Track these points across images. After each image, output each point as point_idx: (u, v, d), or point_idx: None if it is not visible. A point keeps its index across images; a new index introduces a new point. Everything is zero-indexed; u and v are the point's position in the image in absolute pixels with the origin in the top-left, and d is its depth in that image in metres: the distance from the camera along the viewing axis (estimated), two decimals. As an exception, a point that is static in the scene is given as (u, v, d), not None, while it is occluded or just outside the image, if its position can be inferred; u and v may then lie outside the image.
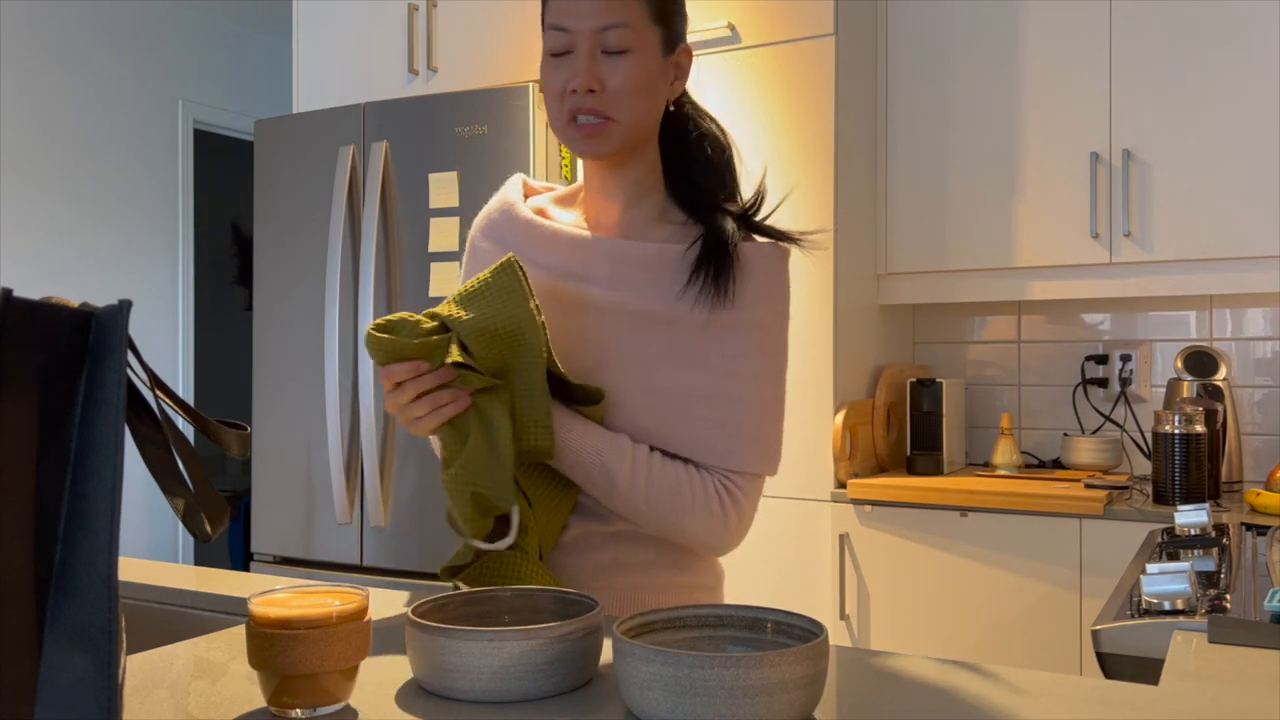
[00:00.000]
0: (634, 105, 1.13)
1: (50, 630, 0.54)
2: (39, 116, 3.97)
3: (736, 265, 1.13)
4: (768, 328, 1.15)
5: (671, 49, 1.17)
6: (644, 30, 1.13)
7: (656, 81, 1.15)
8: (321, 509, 2.81)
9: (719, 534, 1.14)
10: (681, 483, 1.12)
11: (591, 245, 1.18)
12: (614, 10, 1.11)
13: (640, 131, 1.16)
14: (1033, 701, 0.82)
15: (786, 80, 2.56)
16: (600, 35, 1.11)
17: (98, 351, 0.57)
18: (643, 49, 1.13)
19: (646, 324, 1.14)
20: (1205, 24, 2.43)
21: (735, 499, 1.14)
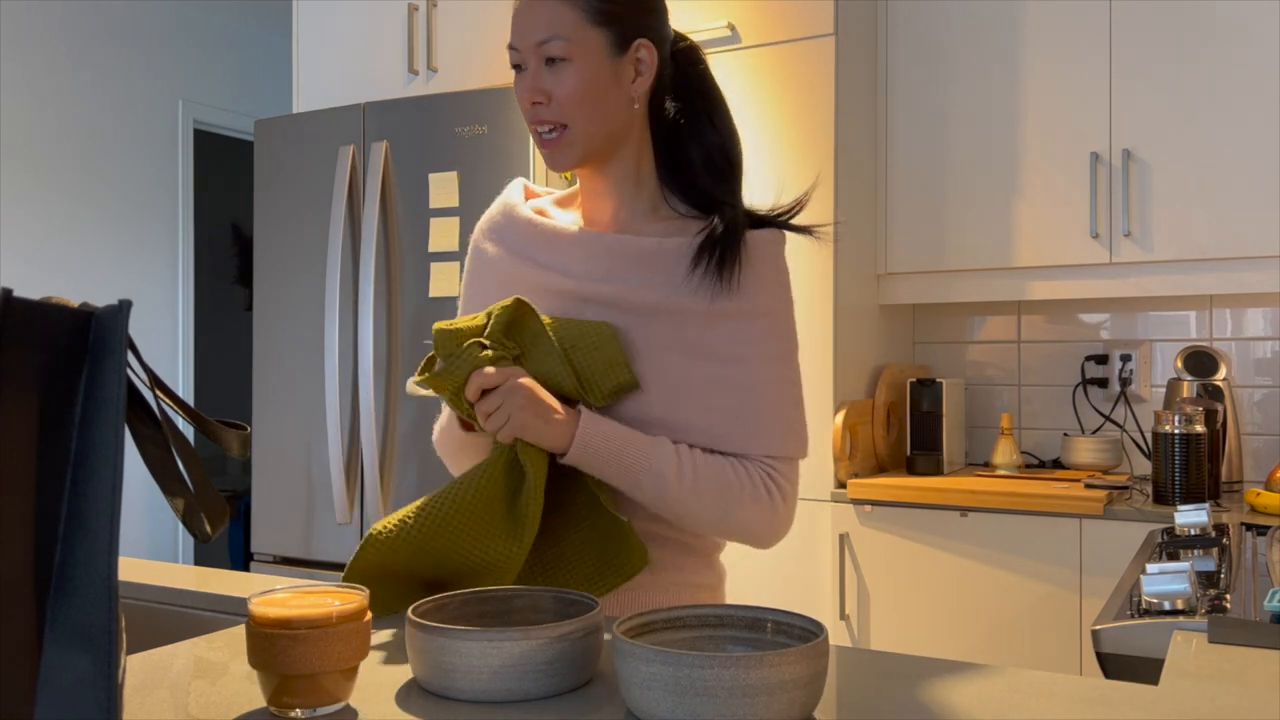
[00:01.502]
0: (582, 111, 1.14)
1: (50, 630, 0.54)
2: (39, 116, 3.97)
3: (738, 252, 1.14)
4: (774, 313, 1.16)
5: (624, 47, 1.15)
6: (583, 37, 1.13)
7: (605, 84, 1.14)
8: (321, 509, 2.81)
9: (771, 522, 1.15)
10: (728, 475, 1.12)
11: (591, 241, 1.18)
12: (549, 23, 1.13)
13: (603, 135, 1.16)
14: (1033, 701, 0.82)
15: (786, 80, 2.56)
16: (541, 48, 1.13)
17: (98, 351, 0.57)
18: (583, 55, 1.13)
19: (650, 317, 1.14)
20: (1205, 24, 2.43)
21: (780, 485, 1.15)
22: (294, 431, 2.86)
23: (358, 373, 2.73)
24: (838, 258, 2.53)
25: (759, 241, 1.16)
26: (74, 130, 4.08)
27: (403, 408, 2.68)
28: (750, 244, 1.15)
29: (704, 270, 1.13)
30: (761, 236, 1.17)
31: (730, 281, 1.13)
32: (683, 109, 1.22)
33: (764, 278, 1.16)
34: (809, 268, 2.52)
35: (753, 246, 1.16)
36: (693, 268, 1.14)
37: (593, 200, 1.23)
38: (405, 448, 2.68)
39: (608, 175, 1.20)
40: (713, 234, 1.14)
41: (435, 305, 2.65)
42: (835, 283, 2.51)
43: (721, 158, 1.21)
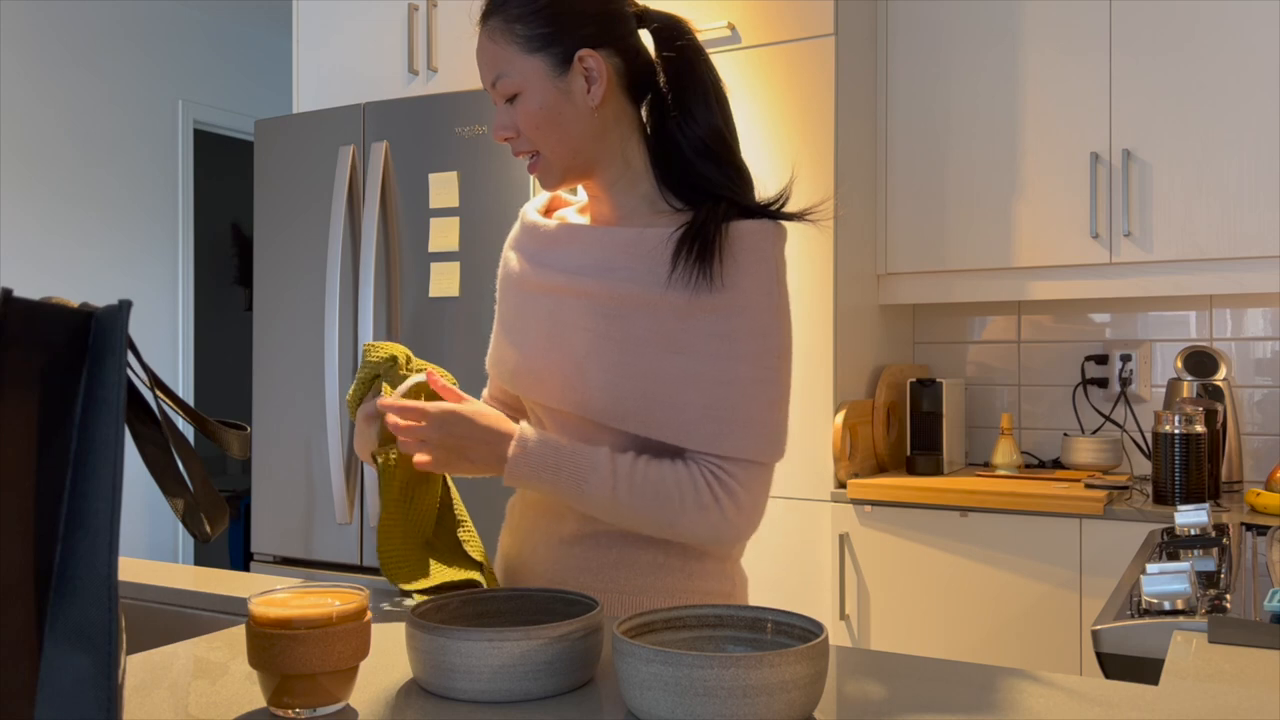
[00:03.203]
0: (545, 136, 1.16)
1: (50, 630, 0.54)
2: (39, 116, 3.97)
3: (722, 247, 1.11)
4: (757, 309, 1.12)
5: (566, 64, 1.15)
6: (522, 69, 1.15)
7: (557, 105, 1.15)
8: (321, 509, 2.82)
9: (718, 528, 1.11)
10: (668, 487, 1.10)
11: (580, 234, 1.19)
12: (492, 63, 1.16)
13: (574, 153, 1.17)
14: (1033, 701, 0.82)
15: (786, 80, 2.56)
16: (496, 88, 1.17)
17: (98, 352, 0.57)
18: (528, 86, 1.15)
19: (632, 309, 1.13)
20: (1205, 24, 2.43)
21: (730, 489, 1.11)
22: (294, 431, 2.86)
23: (358, 373, 2.73)
24: (838, 258, 2.53)
25: (743, 234, 1.13)
26: (74, 130, 4.08)
27: (403, 408, 2.68)
28: (734, 236, 1.12)
29: (684, 263, 1.11)
30: (746, 228, 1.13)
31: (709, 275, 1.11)
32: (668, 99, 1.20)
33: (747, 271, 1.12)
34: (809, 268, 2.52)
35: (736, 239, 1.12)
36: (672, 261, 1.12)
37: (594, 205, 1.25)
38: (405, 448, 2.68)
39: (599, 180, 1.21)
40: (692, 226, 1.13)
41: (435, 305, 2.65)
42: (835, 283, 2.51)
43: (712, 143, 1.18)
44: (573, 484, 1.10)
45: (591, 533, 1.18)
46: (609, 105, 1.18)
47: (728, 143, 1.19)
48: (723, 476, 1.11)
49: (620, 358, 1.13)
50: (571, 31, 1.15)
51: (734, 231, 1.13)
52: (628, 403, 1.12)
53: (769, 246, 1.14)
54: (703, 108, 1.18)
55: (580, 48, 1.15)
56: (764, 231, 1.14)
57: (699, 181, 1.18)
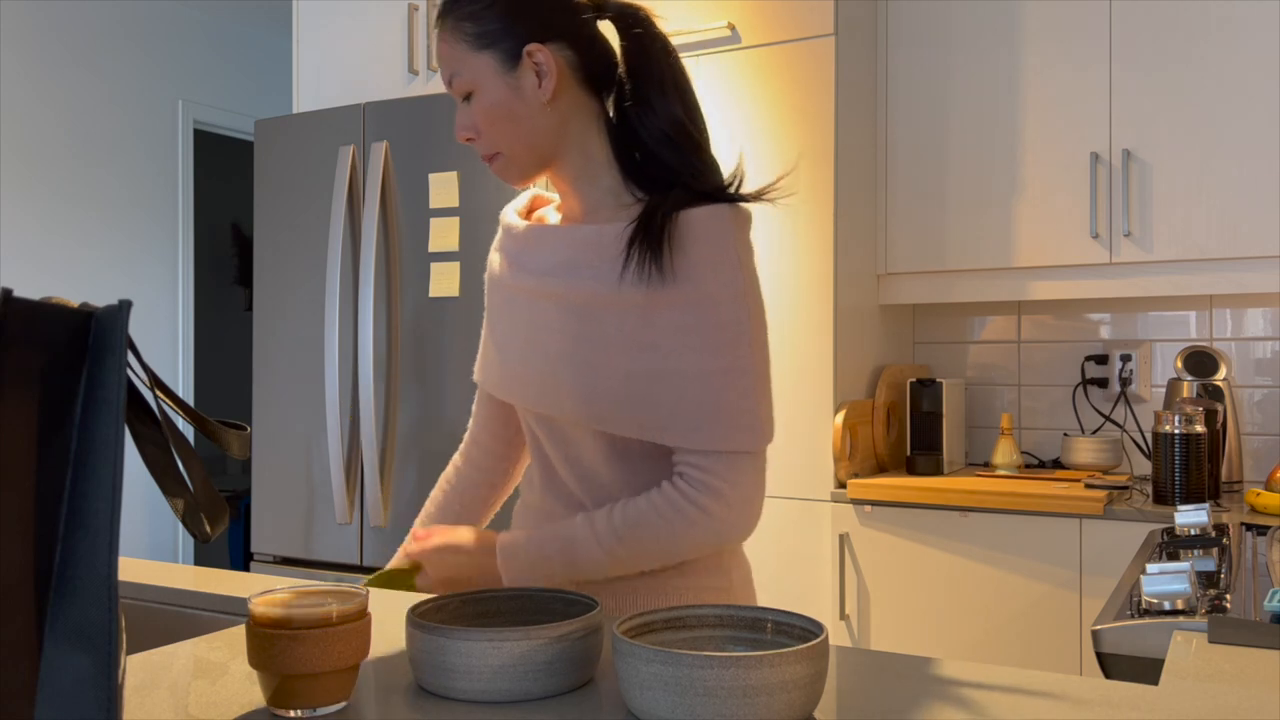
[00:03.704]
0: (502, 134, 1.16)
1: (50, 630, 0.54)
2: (39, 116, 3.97)
3: (672, 238, 1.09)
4: (719, 297, 1.10)
5: (515, 60, 1.14)
6: (474, 67, 1.15)
7: (509, 103, 1.15)
8: (321, 509, 2.81)
9: (716, 533, 1.11)
10: (648, 517, 1.10)
11: (547, 235, 1.19)
12: (447, 63, 1.17)
13: (532, 148, 1.17)
14: (1033, 701, 0.82)
15: (786, 80, 2.56)
16: (452, 88, 1.18)
17: (98, 351, 0.57)
18: (481, 84, 1.15)
19: (599, 309, 1.13)
20: (1205, 24, 2.43)
21: (713, 489, 1.09)
22: (294, 431, 2.86)
23: (358, 373, 2.73)
24: (838, 258, 2.53)
25: (694, 221, 1.10)
26: (74, 130, 4.08)
27: (403, 408, 2.68)
28: (686, 225, 1.10)
29: (635, 258, 1.10)
30: (697, 216, 1.10)
31: (661, 268, 1.09)
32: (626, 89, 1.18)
33: (704, 259, 1.10)
34: (809, 268, 2.52)
35: (688, 227, 1.10)
36: (625, 257, 1.11)
37: (563, 201, 1.25)
38: (405, 448, 2.68)
39: (563, 174, 1.21)
40: (640, 219, 1.11)
41: (435, 305, 2.65)
42: (835, 283, 2.51)
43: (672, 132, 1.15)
44: (566, 561, 1.12)
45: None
46: (563, 99, 1.16)
47: (689, 131, 1.16)
48: (703, 478, 1.10)
49: (591, 359, 1.12)
50: (518, 27, 1.15)
51: (686, 220, 1.10)
52: (602, 404, 1.12)
53: (726, 232, 1.11)
54: (660, 96, 1.16)
55: (528, 43, 1.14)
56: (718, 217, 1.11)
57: (661, 172, 1.16)
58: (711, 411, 1.10)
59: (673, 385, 1.10)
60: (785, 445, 2.54)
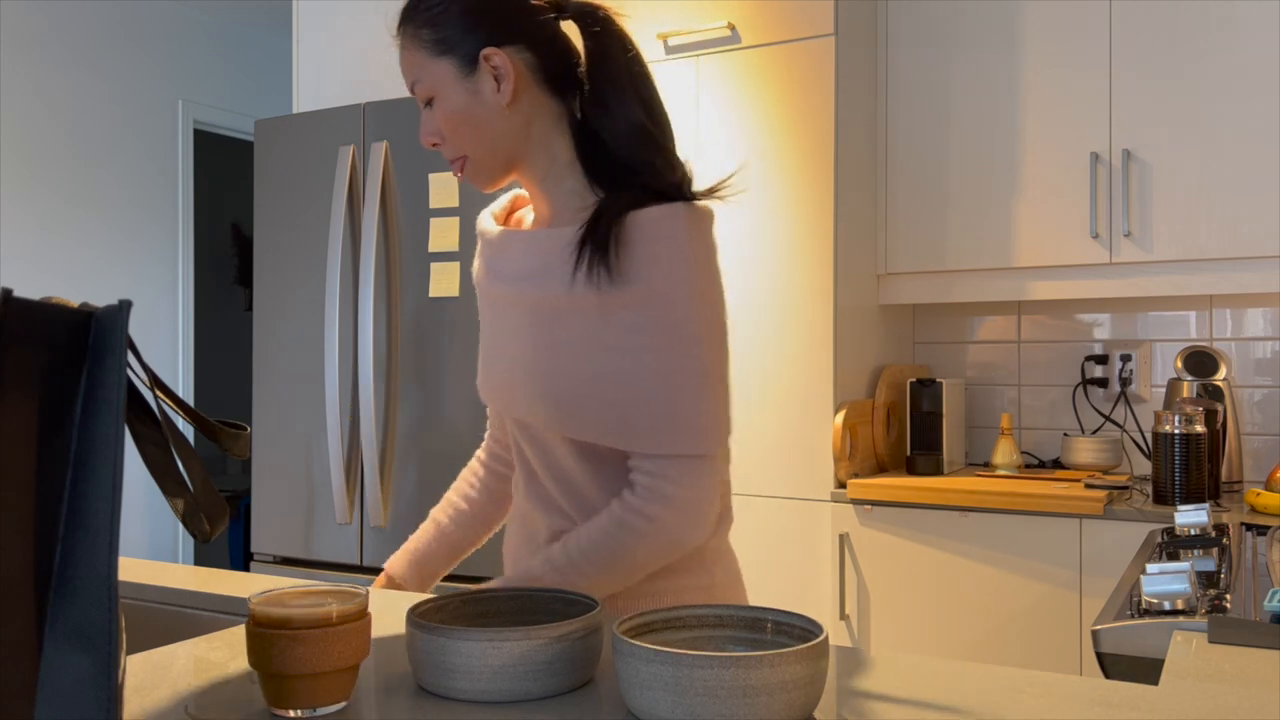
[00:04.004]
0: (465, 138, 1.16)
1: (50, 630, 0.54)
2: (39, 116, 3.97)
3: (620, 238, 1.08)
4: (670, 297, 1.08)
5: (473, 65, 1.14)
6: (433, 72, 1.15)
7: (470, 108, 1.15)
8: (321, 509, 2.81)
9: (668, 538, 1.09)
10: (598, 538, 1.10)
11: (512, 239, 1.19)
12: (408, 69, 1.18)
13: (495, 152, 1.17)
14: (1033, 701, 0.82)
15: (786, 80, 2.56)
16: (415, 94, 1.18)
17: (98, 351, 0.57)
18: (441, 89, 1.15)
19: (557, 314, 1.12)
20: (1205, 24, 2.43)
21: (659, 493, 1.08)
22: (294, 431, 2.86)
23: (358, 373, 2.73)
24: (838, 258, 2.53)
25: (644, 221, 1.08)
26: (74, 130, 4.08)
27: (403, 408, 2.68)
28: (635, 225, 1.08)
29: (584, 260, 1.09)
30: (648, 216, 1.09)
31: (609, 269, 1.08)
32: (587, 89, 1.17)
33: (654, 259, 1.08)
34: (809, 268, 2.52)
35: (637, 227, 1.08)
36: (576, 258, 1.10)
37: (533, 203, 1.24)
38: (405, 448, 2.68)
39: (529, 176, 1.20)
40: (589, 221, 1.10)
41: (435, 305, 2.65)
42: (835, 283, 2.51)
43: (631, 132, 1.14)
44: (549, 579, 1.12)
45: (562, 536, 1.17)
46: (523, 101, 1.15)
47: (649, 131, 1.15)
48: (650, 483, 1.09)
49: (555, 363, 1.12)
50: (476, 32, 1.14)
51: (635, 220, 1.09)
52: (567, 408, 1.11)
53: (678, 230, 1.09)
54: (618, 96, 1.14)
55: (484, 47, 1.14)
56: (670, 216, 1.09)
57: (622, 173, 1.15)
58: (662, 414, 1.08)
59: (626, 387, 1.09)
60: (785, 445, 2.54)
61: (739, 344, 2.61)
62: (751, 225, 2.60)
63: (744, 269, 2.61)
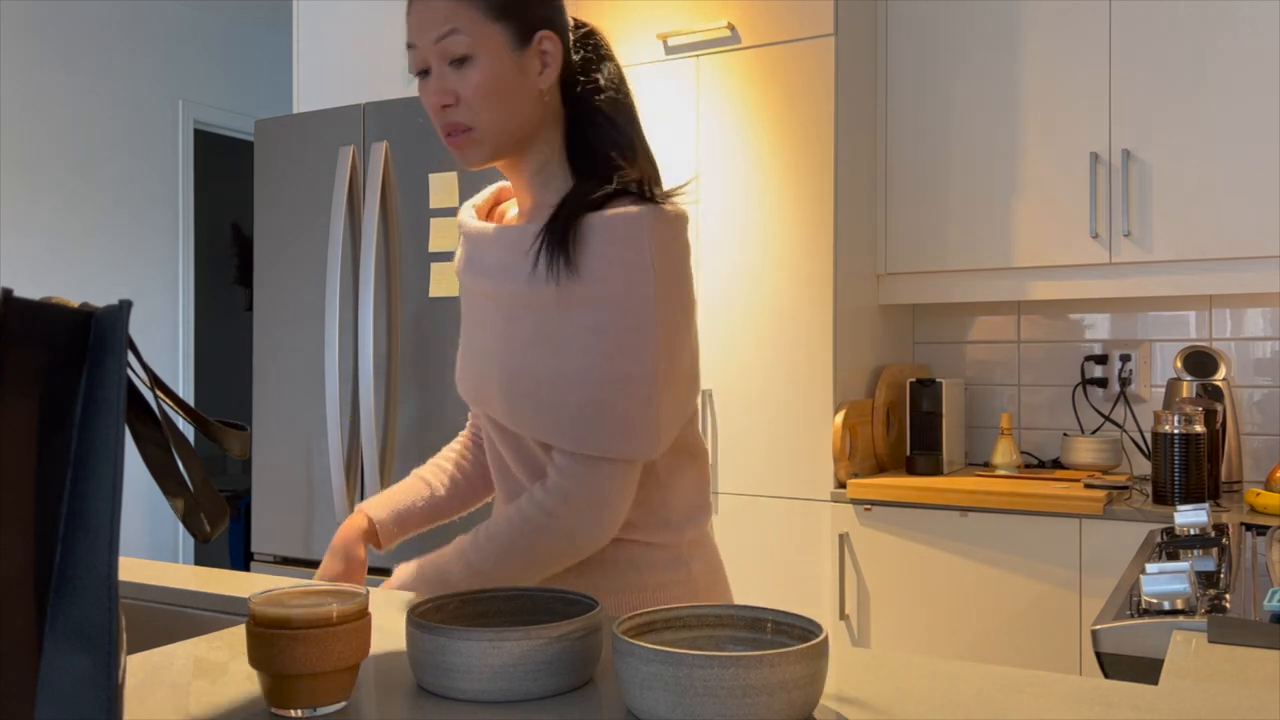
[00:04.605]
0: (490, 110, 1.11)
1: (50, 630, 0.54)
2: (39, 116, 3.97)
3: (579, 237, 1.08)
4: (628, 300, 1.07)
5: (526, 40, 1.12)
6: (483, 32, 1.10)
7: (511, 80, 1.12)
8: (321, 509, 2.81)
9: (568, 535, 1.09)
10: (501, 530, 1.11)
11: (480, 237, 1.19)
12: (446, 17, 1.10)
13: (511, 132, 1.14)
14: (1033, 701, 0.82)
15: (786, 80, 2.56)
16: (439, 47, 1.11)
17: (98, 351, 0.57)
18: (486, 51, 1.10)
19: (518, 308, 1.12)
20: (1205, 24, 2.43)
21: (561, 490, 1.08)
22: (294, 431, 2.86)
23: (358, 373, 2.73)
24: (838, 258, 2.53)
25: (610, 222, 1.08)
26: (74, 130, 4.08)
27: (403, 408, 2.68)
28: (600, 225, 1.08)
29: (545, 256, 1.08)
30: (611, 219, 1.08)
31: (570, 266, 1.07)
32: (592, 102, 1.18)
33: (616, 261, 1.07)
34: (809, 268, 2.52)
35: (602, 228, 1.08)
36: (534, 255, 1.10)
37: (517, 194, 1.23)
38: (405, 448, 2.68)
39: (522, 169, 1.18)
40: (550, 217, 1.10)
41: (435, 305, 2.65)
42: (835, 283, 2.51)
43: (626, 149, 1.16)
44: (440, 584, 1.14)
45: None
46: (551, 92, 1.16)
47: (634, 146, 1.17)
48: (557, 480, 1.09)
49: (513, 361, 1.12)
50: (535, 10, 1.13)
51: (599, 220, 1.08)
52: (523, 407, 1.11)
53: (641, 234, 1.08)
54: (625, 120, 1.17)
55: (541, 28, 1.13)
56: (636, 219, 1.08)
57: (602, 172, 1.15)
58: (593, 414, 1.07)
59: (574, 389, 1.08)
60: (785, 445, 2.55)
61: (738, 345, 2.61)
62: (751, 225, 2.60)
63: (744, 269, 2.61)
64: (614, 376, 1.07)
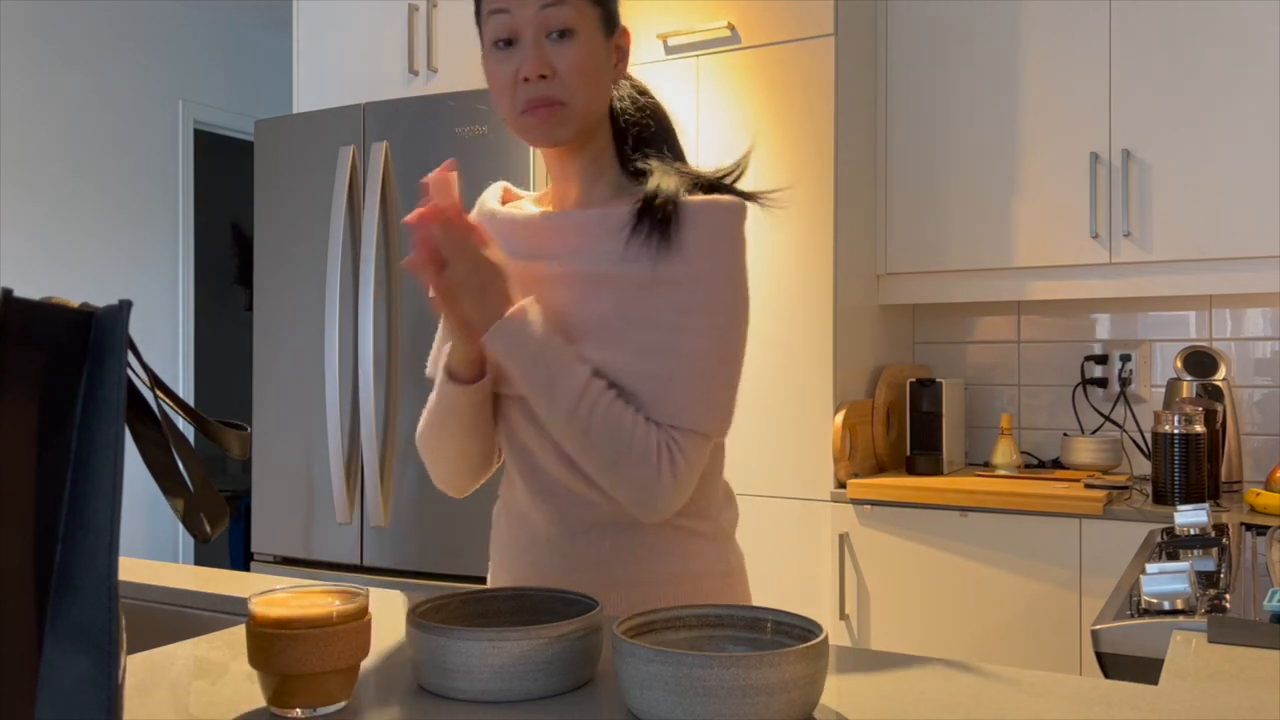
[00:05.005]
0: (584, 88, 1.12)
1: (50, 630, 0.54)
2: (39, 116, 3.97)
3: (677, 219, 1.11)
4: (715, 283, 1.11)
5: (611, 30, 1.16)
6: (584, 12, 1.12)
7: (602, 63, 1.15)
8: (321, 509, 2.81)
9: (651, 490, 1.09)
10: (625, 425, 1.08)
11: (540, 222, 1.19)
12: None
13: (592, 114, 1.16)
14: (1033, 701, 0.82)
15: (786, 80, 2.56)
16: (542, 16, 1.11)
17: (98, 351, 0.57)
18: (585, 29, 1.12)
19: (598, 288, 1.13)
20: (1205, 25, 2.43)
21: (674, 459, 1.09)
22: (294, 431, 2.86)
23: (358, 373, 2.73)
24: (838, 258, 2.53)
25: (701, 208, 1.12)
26: (74, 130, 4.08)
27: (403, 408, 2.68)
28: (692, 210, 1.11)
29: (643, 236, 1.11)
30: (706, 205, 1.12)
31: (668, 246, 1.10)
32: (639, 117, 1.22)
33: (708, 246, 1.11)
34: (809, 268, 2.52)
35: (694, 213, 1.11)
36: (631, 234, 1.11)
37: (561, 186, 1.23)
38: (405, 448, 2.68)
39: (578, 158, 1.20)
40: (650, 199, 1.12)
41: (434, 306, 2.65)
42: (835, 283, 2.51)
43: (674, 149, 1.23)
44: (544, 378, 1.08)
45: (579, 528, 1.16)
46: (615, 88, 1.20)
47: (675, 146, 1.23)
48: (673, 445, 1.10)
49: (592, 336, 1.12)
50: (616, 6, 1.18)
51: (695, 205, 1.11)
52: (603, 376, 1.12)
53: (730, 223, 1.13)
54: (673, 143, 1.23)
55: (619, 24, 1.18)
56: (727, 207, 1.12)
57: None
58: (695, 393, 1.10)
59: (661, 361, 1.10)
60: (785, 445, 2.55)
61: (739, 344, 2.61)
62: (751, 225, 2.60)
63: (744, 269, 2.61)
64: (704, 353, 1.10)
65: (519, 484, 1.21)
